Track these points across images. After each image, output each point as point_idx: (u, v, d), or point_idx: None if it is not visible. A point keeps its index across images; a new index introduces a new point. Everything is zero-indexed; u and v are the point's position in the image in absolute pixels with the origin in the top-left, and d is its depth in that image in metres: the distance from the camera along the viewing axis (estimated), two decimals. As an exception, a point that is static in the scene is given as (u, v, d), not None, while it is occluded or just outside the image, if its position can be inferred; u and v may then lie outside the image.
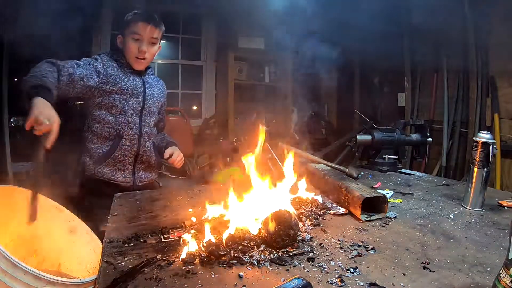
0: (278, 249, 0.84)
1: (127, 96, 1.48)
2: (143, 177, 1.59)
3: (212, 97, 4.20)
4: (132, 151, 1.51)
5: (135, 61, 1.51)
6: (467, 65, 2.88)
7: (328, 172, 1.45)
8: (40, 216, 1.10)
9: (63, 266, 1.11)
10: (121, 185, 1.50)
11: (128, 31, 1.48)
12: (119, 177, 1.51)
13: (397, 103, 3.64)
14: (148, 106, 1.56)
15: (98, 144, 1.49)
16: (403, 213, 1.15)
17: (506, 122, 2.63)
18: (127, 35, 1.48)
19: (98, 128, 1.48)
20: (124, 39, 1.50)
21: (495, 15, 2.56)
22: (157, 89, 1.64)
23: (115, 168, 1.50)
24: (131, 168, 1.53)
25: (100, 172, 1.48)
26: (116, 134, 1.48)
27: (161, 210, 1.18)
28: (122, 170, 1.51)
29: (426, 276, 0.73)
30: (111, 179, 1.49)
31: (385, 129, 1.87)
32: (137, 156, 1.53)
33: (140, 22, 1.46)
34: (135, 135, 1.51)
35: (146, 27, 1.46)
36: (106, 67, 1.46)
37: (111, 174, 1.49)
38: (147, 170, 1.60)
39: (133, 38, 1.47)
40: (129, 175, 1.53)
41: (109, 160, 1.48)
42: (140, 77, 1.56)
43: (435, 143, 3.12)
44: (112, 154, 1.47)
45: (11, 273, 0.75)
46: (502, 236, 0.94)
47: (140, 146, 1.53)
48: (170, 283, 0.70)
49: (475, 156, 1.19)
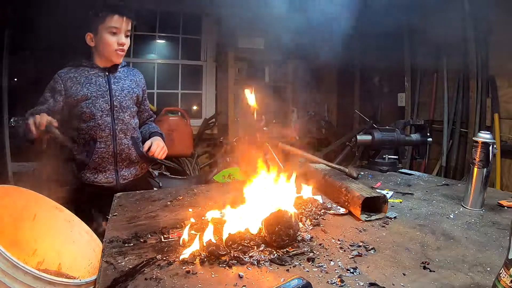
0: (278, 249, 0.84)
1: (92, 99, 1.48)
2: (126, 174, 1.59)
3: (212, 97, 4.20)
4: (109, 152, 1.52)
5: (115, 55, 1.49)
6: (467, 65, 2.88)
7: (328, 172, 1.45)
8: (40, 216, 1.10)
9: (63, 266, 1.10)
10: (104, 186, 1.53)
11: (103, 26, 1.44)
12: (102, 179, 1.53)
13: (397, 103, 3.63)
14: (118, 102, 1.53)
15: (78, 151, 1.51)
16: (403, 213, 1.15)
17: (506, 122, 2.62)
18: (102, 30, 1.45)
19: (76, 136, 1.50)
20: (98, 35, 1.46)
21: (495, 15, 2.56)
22: (128, 80, 1.60)
23: (96, 170, 1.52)
24: (113, 168, 1.55)
25: (83, 176, 1.52)
26: (90, 138, 1.50)
27: (161, 210, 1.18)
28: (103, 172, 1.53)
29: (426, 276, 0.73)
30: (94, 181, 1.52)
31: (385, 129, 1.87)
32: (115, 155, 1.54)
33: (116, 15, 1.44)
34: (108, 136, 1.51)
35: (122, 20, 1.45)
36: (65, 82, 1.47)
37: (93, 177, 1.52)
38: (129, 167, 1.60)
39: (110, 32, 1.45)
40: (111, 175, 1.54)
41: (89, 164, 1.50)
42: (104, 75, 1.53)
43: (435, 143, 3.12)
44: (90, 159, 1.50)
45: (11, 274, 0.75)
46: (502, 236, 0.95)
47: (117, 145, 1.53)
48: (170, 283, 0.70)
49: (475, 156, 1.19)
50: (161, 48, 4.17)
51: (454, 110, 3.08)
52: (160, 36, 4.02)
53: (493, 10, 2.50)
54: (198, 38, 4.13)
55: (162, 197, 1.34)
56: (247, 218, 0.93)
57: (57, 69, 1.50)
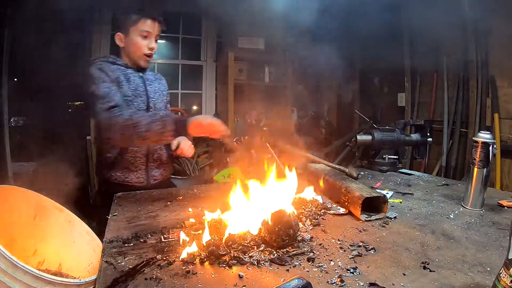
0: (278, 249, 0.84)
1: (132, 98, 1.46)
2: (157, 175, 1.59)
3: (212, 97, 4.20)
4: (142, 152, 1.51)
5: (143, 58, 1.50)
6: (467, 65, 2.88)
7: (328, 172, 1.45)
8: (41, 216, 1.10)
9: (64, 266, 1.10)
10: (135, 185, 1.51)
11: (135, 28, 1.45)
12: (133, 178, 1.51)
13: (397, 103, 3.63)
14: (153, 104, 1.54)
15: (108, 149, 1.49)
16: (403, 213, 1.15)
17: (506, 122, 2.62)
18: (134, 32, 1.45)
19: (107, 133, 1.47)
20: (128, 36, 1.47)
21: (495, 15, 2.56)
22: (157, 83, 1.63)
23: (128, 170, 1.50)
24: (144, 167, 1.53)
25: (113, 176, 1.49)
26: None
27: (161, 210, 1.18)
28: (135, 171, 1.51)
29: (426, 276, 0.73)
30: (125, 181, 1.50)
31: (385, 129, 1.87)
32: (148, 155, 1.53)
33: (149, 20, 1.45)
34: None
35: (154, 24, 1.47)
36: (112, 71, 1.44)
37: (124, 176, 1.50)
38: (160, 167, 1.60)
39: (141, 35, 1.46)
40: (142, 175, 1.53)
41: (120, 164, 1.48)
42: (140, 76, 1.54)
43: (435, 143, 3.12)
44: (123, 158, 1.48)
45: (11, 273, 0.75)
46: (502, 236, 0.95)
47: (149, 147, 1.53)
48: (170, 283, 0.70)
49: (475, 156, 1.19)
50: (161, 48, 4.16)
51: (454, 110, 3.08)
52: (160, 36, 4.02)
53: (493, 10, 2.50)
54: (198, 38, 4.13)
55: (162, 197, 1.34)
56: (247, 218, 0.93)
57: (58, 68, 1.49)
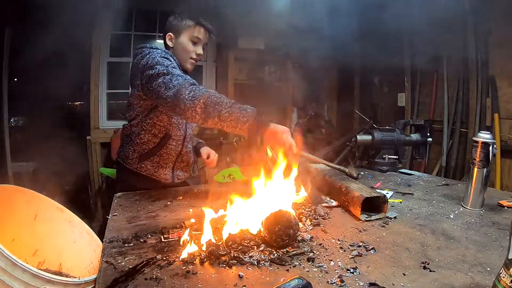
0: (278, 249, 0.84)
1: None
2: (181, 175, 1.64)
3: (212, 97, 4.20)
4: (177, 151, 1.55)
5: (190, 62, 1.53)
6: (467, 65, 2.88)
7: (328, 172, 1.45)
8: (41, 216, 1.10)
9: (64, 266, 1.11)
10: (162, 181, 1.55)
11: (187, 32, 1.50)
12: (161, 174, 1.54)
13: (397, 103, 3.63)
14: None
15: (145, 140, 1.49)
16: (403, 213, 1.15)
17: (506, 122, 2.62)
18: (186, 36, 1.50)
19: (150, 124, 1.47)
20: (179, 39, 1.51)
21: (495, 15, 2.56)
22: None
23: (158, 165, 1.53)
24: (172, 166, 1.58)
25: (143, 167, 1.51)
26: (165, 133, 1.50)
27: (161, 210, 1.18)
28: (164, 168, 1.55)
29: (426, 276, 0.73)
30: (154, 175, 1.53)
31: (385, 129, 1.87)
32: (179, 155, 1.57)
33: (203, 28, 1.51)
34: (181, 136, 1.55)
35: (206, 34, 1.53)
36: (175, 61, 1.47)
37: (154, 170, 1.53)
38: (184, 169, 1.65)
39: (192, 40, 1.50)
40: (169, 173, 1.57)
41: (155, 157, 1.51)
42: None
43: (435, 143, 3.12)
44: (158, 152, 1.50)
45: (10, 272, 0.75)
46: (502, 236, 0.95)
47: (184, 147, 1.58)
48: (170, 283, 0.70)
49: (475, 156, 1.19)
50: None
51: (454, 110, 3.08)
52: (160, 36, 4.02)
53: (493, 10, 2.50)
54: (198, 38, 4.13)
55: (162, 197, 1.34)
56: (247, 218, 0.93)
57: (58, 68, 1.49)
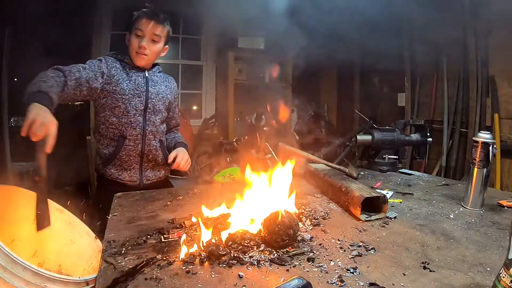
0: (278, 249, 0.84)
1: (129, 96, 1.49)
2: (150, 175, 1.61)
3: (212, 97, 4.20)
4: (137, 151, 1.53)
5: (136, 56, 1.53)
6: (467, 65, 2.88)
7: (328, 172, 1.45)
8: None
9: (63, 267, 1.10)
10: (127, 184, 1.53)
11: (133, 27, 1.50)
12: (125, 177, 1.54)
13: (397, 103, 3.63)
14: (152, 105, 1.56)
15: (105, 145, 1.52)
16: (403, 213, 1.15)
17: (506, 122, 2.62)
18: (132, 31, 1.51)
19: (104, 129, 1.50)
20: (130, 36, 1.52)
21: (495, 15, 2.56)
22: (164, 86, 1.64)
23: (122, 168, 1.53)
24: (138, 167, 1.56)
25: (108, 172, 1.52)
26: (120, 134, 1.50)
27: (161, 210, 1.18)
28: (128, 170, 1.54)
29: (426, 276, 0.73)
30: (118, 178, 1.53)
31: (385, 129, 1.87)
32: (142, 155, 1.55)
33: (144, 19, 1.48)
34: (138, 135, 1.52)
35: (148, 23, 1.48)
36: (110, 68, 1.49)
37: (117, 174, 1.53)
38: (154, 169, 1.62)
39: (136, 34, 1.49)
40: (135, 174, 1.55)
41: (115, 160, 1.51)
42: (144, 76, 1.57)
43: (435, 143, 3.12)
44: (117, 155, 1.50)
45: (10, 269, 0.75)
46: (502, 236, 0.95)
47: (145, 146, 1.54)
48: (170, 283, 0.70)
49: (475, 156, 1.19)
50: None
51: (454, 110, 3.08)
52: (160, 36, 4.02)
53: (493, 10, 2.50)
54: (198, 38, 4.13)
55: (162, 197, 1.34)
56: (247, 218, 0.93)
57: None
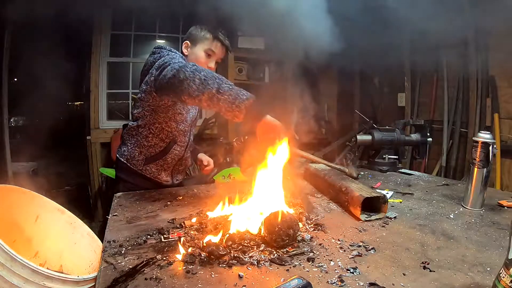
0: (278, 249, 0.84)
1: (190, 107, 1.54)
2: (179, 177, 1.70)
3: (212, 97, 4.20)
4: (179, 156, 1.59)
5: None
6: (467, 65, 2.88)
7: (328, 172, 1.45)
8: (43, 217, 1.10)
9: (64, 267, 1.10)
10: (163, 183, 1.59)
11: (204, 44, 1.51)
12: (163, 176, 1.58)
13: (397, 103, 3.64)
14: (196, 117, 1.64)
15: (152, 143, 1.51)
16: (403, 213, 1.15)
17: (506, 122, 2.62)
18: (201, 46, 1.51)
19: (158, 129, 1.48)
20: (194, 48, 1.52)
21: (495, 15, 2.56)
22: None
23: (162, 168, 1.57)
24: (171, 169, 1.61)
25: (148, 169, 1.54)
26: (172, 138, 1.52)
27: (161, 210, 1.18)
28: (166, 170, 1.59)
29: (426, 276, 0.73)
30: (157, 177, 1.56)
31: (385, 129, 1.87)
32: (180, 160, 1.61)
33: (220, 44, 1.53)
34: (185, 143, 1.58)
35: (222, 49, 1.54)
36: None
37: (157, 173, 1.56)
38: (181, 172, 1.71)
39: (207, 52, 1.51)
40: (169, 175, 1.62)
41: (160, 160, 1.54)
42: None
43: (435, 143, 3.12)
44: (164, 156, 1.53)
45: (9, 267, 0.75)
46: (502, 236, 0.95)
47: (185, 153, 1.62)
48: (170, 283, 0.70)
49: (475, 156, 1.19)
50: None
51: (454, 110, 3.08)
52: (160, 36, 4.02)
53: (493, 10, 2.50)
54: (198, 38, 4.13)
55: (162, 197, 1.34)
56: (246, 218, 0.93)
57: (57, 68, 1.50)
